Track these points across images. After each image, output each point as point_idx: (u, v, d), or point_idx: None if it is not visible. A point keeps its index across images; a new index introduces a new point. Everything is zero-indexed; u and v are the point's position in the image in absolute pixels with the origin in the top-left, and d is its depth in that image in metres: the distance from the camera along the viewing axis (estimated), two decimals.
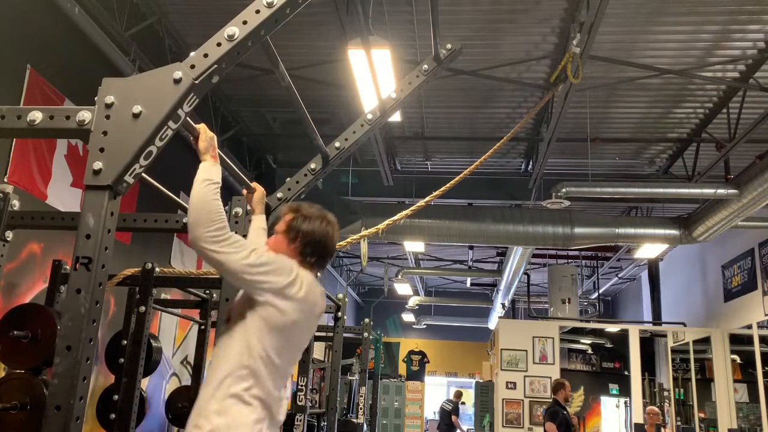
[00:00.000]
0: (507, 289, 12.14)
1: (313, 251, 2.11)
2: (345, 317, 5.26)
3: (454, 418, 12.42)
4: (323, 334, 7.06)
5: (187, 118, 1.72)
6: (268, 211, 2.72)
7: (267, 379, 1.94)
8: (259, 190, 2.49)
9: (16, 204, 3.08)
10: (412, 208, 3.49)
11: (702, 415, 9.37)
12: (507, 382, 9.52)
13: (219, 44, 1.67)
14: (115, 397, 3.99)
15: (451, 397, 12.97)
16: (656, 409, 8.21)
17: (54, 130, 1.63)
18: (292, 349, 2.06)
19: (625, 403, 10.46)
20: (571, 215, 7.89)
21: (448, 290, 17.05)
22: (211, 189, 1.82)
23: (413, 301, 15.02)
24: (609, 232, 7.94)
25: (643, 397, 9.87)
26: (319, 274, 2.18)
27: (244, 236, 2.57)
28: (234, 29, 1.68)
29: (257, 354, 1.92)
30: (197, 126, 1.91)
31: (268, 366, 1.94)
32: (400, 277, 12.73)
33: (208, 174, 1.84)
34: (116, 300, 5.37)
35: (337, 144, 2.82)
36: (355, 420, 9.08)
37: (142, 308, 4.02)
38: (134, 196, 5.61)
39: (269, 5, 1.72)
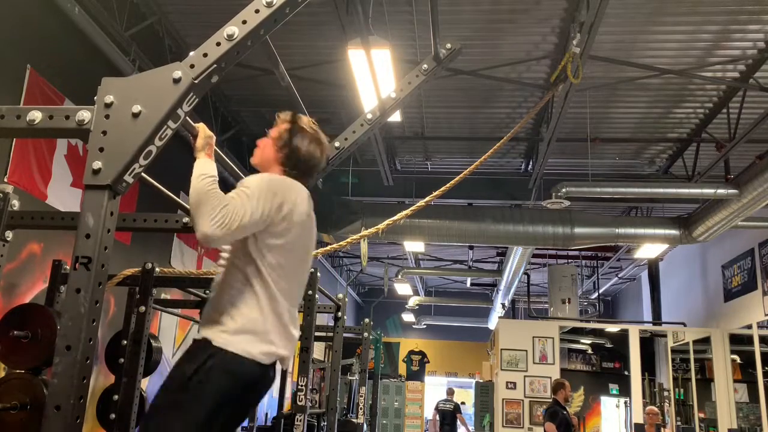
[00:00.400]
0: (507, 289, 12.13)
1: (295, 165, 2.16)
2: (345, 317, 5.26)
3: (460, 416, 12.29)
4: (323, 334, 7.06)
5: (187, 118, 1.73)
6: None
7: (279, 284, 1.99)
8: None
9: (16, 204, 3.08)
10: (412, 208, 3.49)
11: (702, 415, 9.37)
12: (507, 382, 9.52)
13: (218, 44, 1.67)
14: (115, 397, 3.99)
15: (446, 396, 12.76)
16: (656, 409, 8.21)
17: (53, 129, 1.62)
18: (295, 263, 2.09)
19: (625, 403, 10.46)
20: (571, 215, 7.89)
21: (448, 290, 17.05)
22: (207, 182, 1.85)
23: (413, 301, 15.02)
24: (609, 232, 7.94)
25: (643, 397, 9.87)
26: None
27: None
28: (233, 29, 1.68)
29: (265, 261, 1.97)
30: (196, 125, 1.93)
31: (275, 282, 1.99)
32: (400, 277, 12.73)
33: (203, 169, 1.88)
34: (116, 300, 5.37)
35: (336, 144, 2.82)
36: (355, 420, 9.07)
37: (142, 308, 4.01)
38: (134, 195, 5.61)
39: (268, 5, 1.72)
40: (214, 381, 1.86)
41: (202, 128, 1.95)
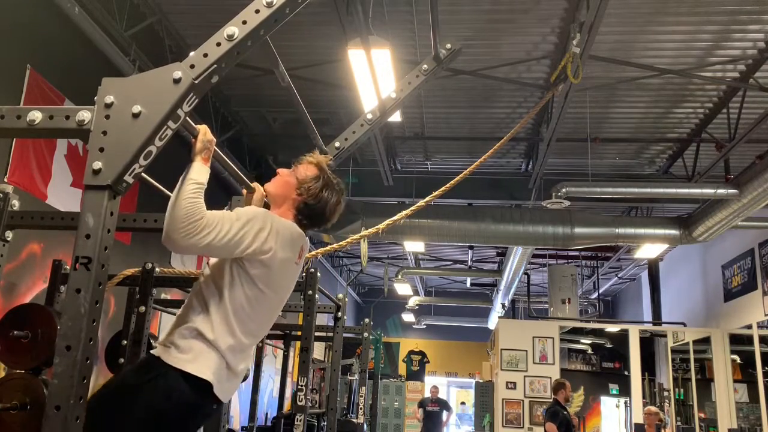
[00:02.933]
0: (507, 289, 12.13)
1: (309, 216, 2.12)
2: (345, 317, 5.26)
3: (448, 414, 12.39)
4: (323, 334, 7.06)
5: (187, 118, 1.72)
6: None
7: (235, 328, 1.95)
8: (259, 190, 2.50)
9: (16, 204, 3.08)
10: (412, 208, 3.49)
11: (702, 415, 9.37)
12: (507, 382, 9.52)
13: (218, 44, 1.67)
14: None
15: (429, 395, 12.55)
16: (654, 408, 8.20)
17: (54, 130, 1.62)
18: (267, 301, 2.04)
19: (625, 403, 10.45)
20: (571, 215, 7.89)
21: (448, 290, 17.05)
22: (193, 188, 1.80)
23: (413, 301, 15.02)
24: (609, 232, 7.94)
25: (643, 397, 9.87)
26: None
27: None
28: (233, 29, 1.68)
29: (229, 303, 1.93)
30: (198, 126, 1.89)
31: (238, 315, 1.95)
32: (400, 277, 12.73)
33: (194, 174, 1.83)
34: (116, 300, 5.37)
35: (337, 144, 2.82)
36: (355, 420, 9.07)
37: (142, 308, 4.01)
38: (134, 195, 5.61)
39: (269, 5, 1.72)
40: (153, 397, 1.84)
41: (203, 131, 1.89)
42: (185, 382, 1.86)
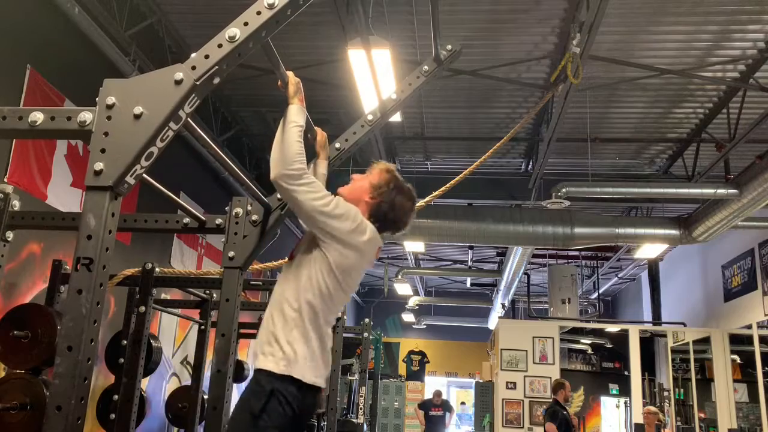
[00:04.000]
0: (507, 289, 12.13)
1: (383, 219, 2.21)
2: (345, 317, 5.26)
3: (450, 416, 12.23)
4: None
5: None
6: (267, 213, 2.72)
7: (324, 314, 2.07)
8: (322, 134, 2.56)
9: (16, 204, 3.08)
10: None
11: (702, 415, 9.37)
12: (507, 382, 9.52)
13: (220, 45, 1.67)
14: (115, 397, 4.00)
15: (431, 398, 12.36)
16: (653, 408, 8.19)
17: (55, 131, 1.62)
18: (345, 289, 2.15)
19: (625, 403, 10.46)
20: (571, 215, 7.89)
21: (448, 290, 17.05)
22: (296, 131, 2.00)
23: (413, 301, 15.01)
24: (609, 232, 7.94)
25: (643, 397, 9.87)
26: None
27: (245, 236, 2.58)
28: (235, 30, 1.68)
29: (317, 291, 2.04)
30: (286, 72, 2.07)
31: (326, 302, 2.06)
32: (400, 277, 12.73)
33: (296, 117, 2.04)
34: (116, 300, 5.37)
35: (337, 144, 2.82)
36: (355, 420, 9.08)
37: (142, 308, 4.02)
38: (135, 196, 5.61)
39: (270, 6, 1.72)
40: (280, 412, 1.94)
41: (291, 75, 2.09)
42: (293, 385, 1.96)
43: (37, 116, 1.61)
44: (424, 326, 17.38)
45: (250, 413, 1.94)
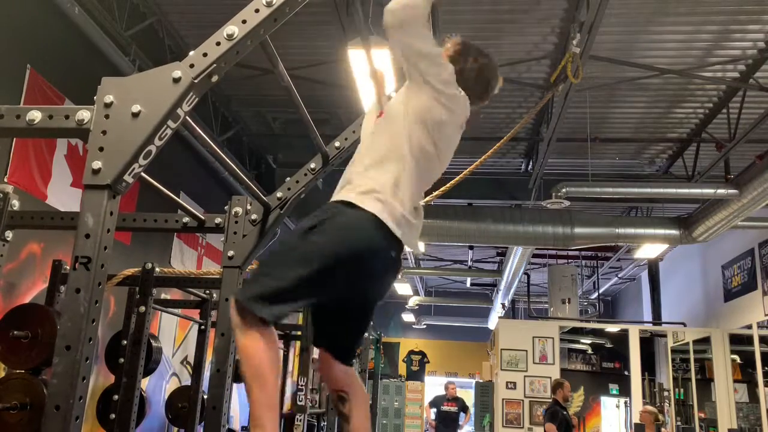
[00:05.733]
0: (507, 289, 12.12)
1: (472, 84, 2.12)
2: None
3: (466, 416, 11.41)
4: None
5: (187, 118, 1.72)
6: (267, 212, 2.72)
7: (411, 176, 1.94)
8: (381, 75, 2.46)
9: (16, 204, 3.08)
10: None
11: (702, 415, 9.37)
12: (507, 382, 9.52)
13: (218, 43, 1.66)
14: (115, 397, 3.99)
15: (443, 393, 11.56)
16: (650, 407, 8.12)
17: (53, 129, 1.62)
18: (438, 146, 2.08)
19: (625, 403, 10.45)
20: (571, 215, 7.88)
21: (448, 290, 17.04)
22: None
23: (413, 301, 15.01)
24: (609, 232, 7.94)
25: (643, 397, 9.86)
26: None
27: (245, 236, 2.58)
28: (233, 28, 1.68)
29: (408, 143, 1.94)
30: None
31: (418, 160, 1.96)
32: (400, 276, 12.72)
33: None
34: (116, 300, 5.36)
35: (337, 144, 2.82)
36: None
37: (142, 308, 4.02)
38: (134, 195, 5.61)
39: (268, 4, 1.72)
40: (335, 231, 1.79)
41: None
42: (364, 219, 1.82)
43: (35, 115, 1.61)
44: (424, 326, 17.37)
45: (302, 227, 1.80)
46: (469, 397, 14.93)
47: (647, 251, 9.14)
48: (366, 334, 7.32)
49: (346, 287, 1.85)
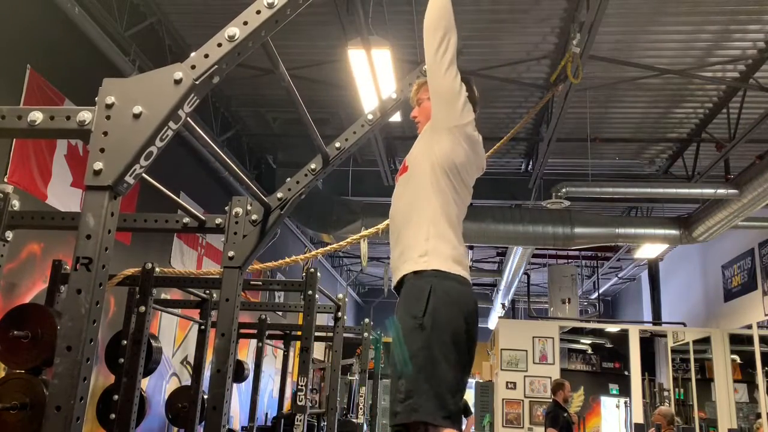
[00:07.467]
0: (507, 289, 12.13)
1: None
2: (345, 317, 5.26)
3: (468, 420, 11.27)
4: (323, 334, 7.06)
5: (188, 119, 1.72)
6: (267, 212, 2.72)
7: (455, 212, 2.02)
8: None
9: (16, 204, 3.08)
10: None
11: (702, 415, 9.38)
12: (507, 382, 9.52)
13: (219, 45, 1.66)
14: (115, 397, 4.00)
15: None
16: (665, 408, 7.86)
17: (55, 130, 1.62)
18: (466, 198, 2.15)
19: (625, 403, 10.46)
20: (571, 215, 7.89)
21: None
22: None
23: None
24: (609, 232, 7.94)
25: (643, 397, 9.87)
26: None
27: (245, 236, 2.58)
28: (235, 30, 1.68)
29: (440, 192, 2.00)
30: None
31: (453, 200, 2.02)
32: None
33: None
34: (116, 300, 5.37)
35: (337, 144, 2.82)
36: (355, 420, 9.08)
37: (142, 308, 4.02)
38: (134, 196, 5.61)
39: (270, 6, 1.72)
40: (446, 311, 1.83)
41: None
42: (452, 279, 1.88)
43: (36, 116, 1.61)
44: None
45: (412, 317, 1.82)
46: (469, 397, 14.92)
47: (647, 251, 9.14)
48: (366, 334, 7.31)
49: (473, 339, 1.94)
